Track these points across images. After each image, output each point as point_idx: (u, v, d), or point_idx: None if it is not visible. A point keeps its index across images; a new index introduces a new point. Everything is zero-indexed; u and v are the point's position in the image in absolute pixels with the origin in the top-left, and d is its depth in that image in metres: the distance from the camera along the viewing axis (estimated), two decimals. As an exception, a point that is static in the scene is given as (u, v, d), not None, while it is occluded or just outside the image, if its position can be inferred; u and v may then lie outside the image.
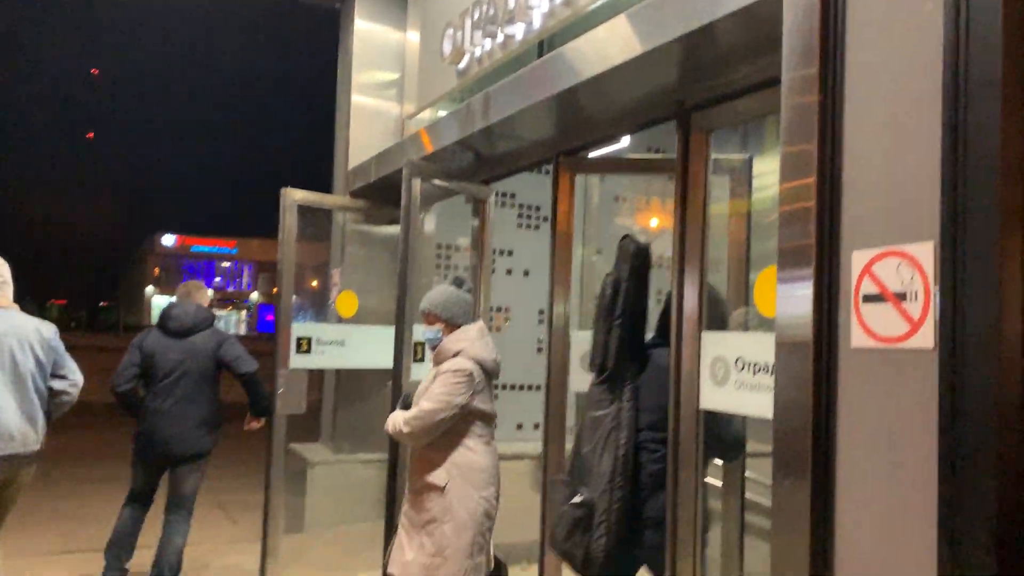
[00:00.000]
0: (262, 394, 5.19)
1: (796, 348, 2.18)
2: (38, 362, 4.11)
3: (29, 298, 63.03)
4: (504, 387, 6.88)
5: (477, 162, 4.71)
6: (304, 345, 5.35)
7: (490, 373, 3.79)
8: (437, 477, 3.60)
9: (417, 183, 4.30)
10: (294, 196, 5.19)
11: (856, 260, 2.07)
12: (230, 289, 63.90)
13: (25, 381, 4.03)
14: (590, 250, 7.07)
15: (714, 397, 3.07)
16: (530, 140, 4.18)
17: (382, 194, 5.44)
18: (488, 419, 3.77)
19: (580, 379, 3.97)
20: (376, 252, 6.03)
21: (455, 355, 3.69)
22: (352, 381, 6.06)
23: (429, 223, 5.83)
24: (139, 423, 5.01)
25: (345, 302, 5.87)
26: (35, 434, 4.09)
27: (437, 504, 3.55)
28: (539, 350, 6.51)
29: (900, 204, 1.99)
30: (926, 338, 1.88)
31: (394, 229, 5.96)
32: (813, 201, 2.17)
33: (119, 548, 5.01)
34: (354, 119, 6.24)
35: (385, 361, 5.72)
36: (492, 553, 3.77)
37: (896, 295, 1.96)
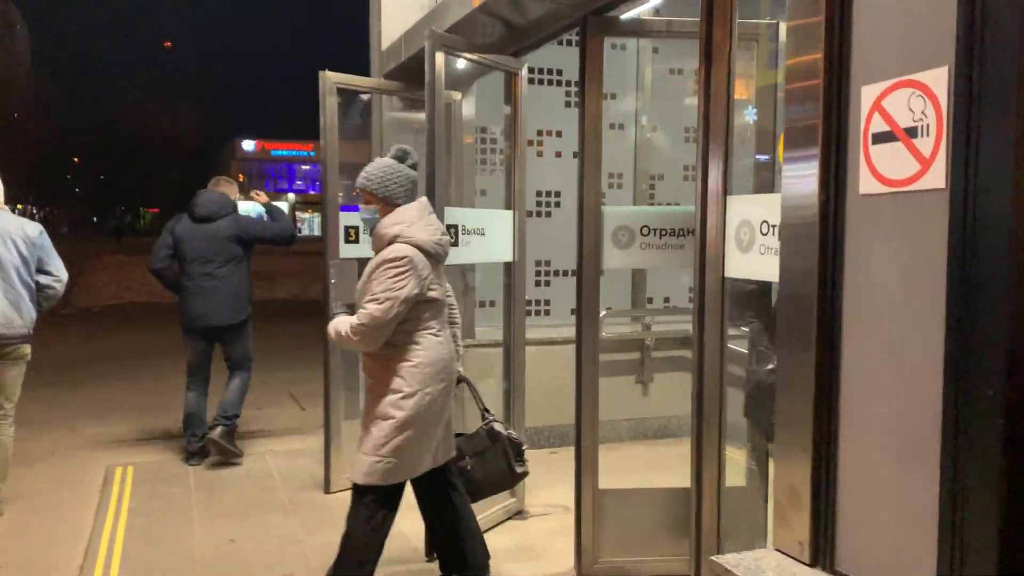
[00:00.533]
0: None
1: (803, 200, 2.00)
2: (22, 257, 4.52)
3: (123, 209, 65.51)
4: (558, 273, 6.79)
5: (506, 32, 4.47)
6: (352, 234, 5.23)
7: (434, 256, 3.31)
8: (379, 374, 3.25)
9: (440, 57, 4.08)
10: (332, 79, 5.02)
11: (866, 96, 1.85)
12: (311, 192, 64.76)
13: (9, 272, 4.47)
14: (643, 129, 6.78)
15: (739, 264, 2.90)
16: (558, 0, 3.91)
17: (414, 75, 5.25)
18: (438, 307, 3.36)
19: (612, 255, 3.83)
20: (415, 139, 5.89)
21: (391, 241, 3.23)
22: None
23: (468, 107, 5.64)
24: (179, 299, 5.61)
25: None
26: (20, 319, 4.53)
27: (380, 402, 3.22)
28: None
29: (913, 29, 1.76)
30: (937, 177, 1.68)
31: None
32: (822, 41, 1.94)
33: (193, 426, 5.67)
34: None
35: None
36: (452, 445, 3.51)
37: (907, 131, 1.74)
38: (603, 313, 5.99)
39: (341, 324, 3.27)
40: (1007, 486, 1.56)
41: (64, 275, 4.75)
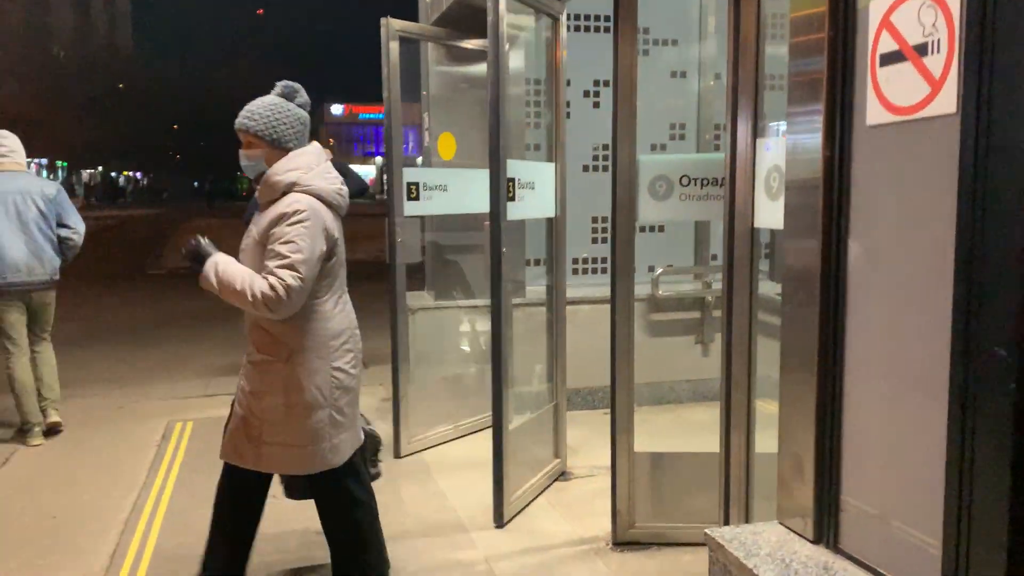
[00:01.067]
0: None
1: (808, 138, 1.78)
2: (41, 212, 5.05)
3: (215, 175, 67.71)
4: (613, 229, 6.54)
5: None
6: (413, 191, 5.03)
7: (335, 209, 2.90)
8: (276, 350, 2.82)
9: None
10: (395, 26, 4.73)
11: (874, 10, 1.61)
12: (399, 155, 65.20)
13: (29, 226, 5.00)
14: (707, 77, 6.44)
15: (769, 213, 2.67)
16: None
17: (457, 23, 5.11)
18: (338, 270, 2.95)
19: (649, 208, 3.61)
20: (459, 93, 5.74)
21: (286, 191, 2.79)
22: (446, 228, 5.96)
23: (516, 58, 5.44)
24: None
25: (445, 144, 5.62)
26: (41, 267, 5.06)
27: (276, 382, 2.82)
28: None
29: (928, -74, 1.50)
30: (947, 101, 1.44)
31: (473, 67, 5.64)
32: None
33: None
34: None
35: (483, 205, 5.52)
36: (361, 427, 3.19)
37: (916, 49, 1.50)
38: (660, 271, 5.82)
39: (243, 279, 2.73)
40: (1019, 459, 1.34)
41: (81, 227, 5.25)
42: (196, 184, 71.58)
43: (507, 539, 3.81)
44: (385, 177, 5.03)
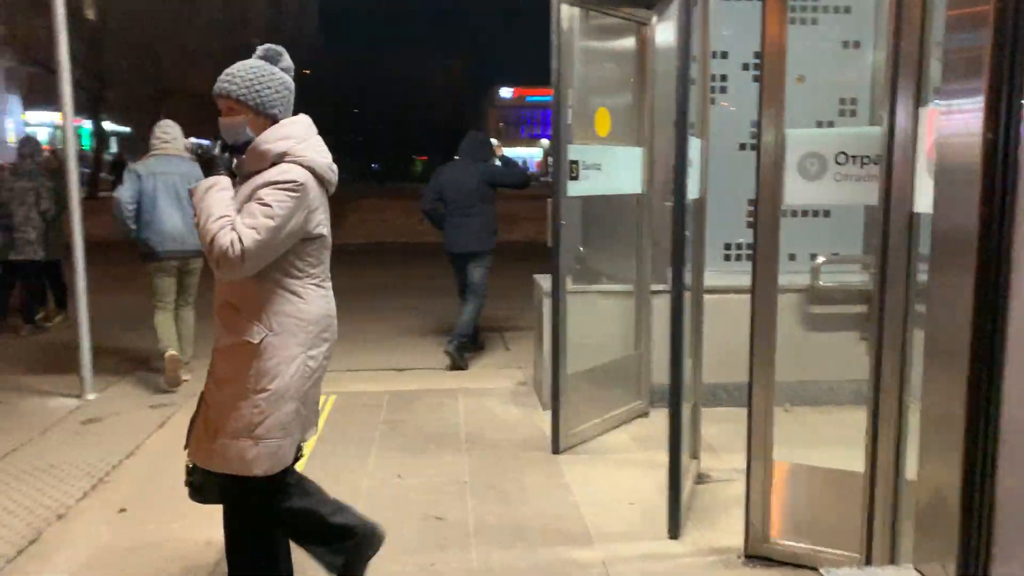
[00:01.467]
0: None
1: (964, 97, 1.43)
2: None
3: (385, 157, 70.39)
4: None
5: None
6: (573, 170, 4.65)
7: (326, 185, 2.69)
8: (249, 331, 2.57)
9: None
10: None
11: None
12: (566, 138, 65.44)
13: (184, 204, 5.76)
14: (883, 46, 5.82)
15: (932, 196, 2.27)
16: None
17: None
18: (324, 250, 2.71)
19: (797, 189, 3.22)
20: (599, 69, 5.46)
21: (276, 161, 2.58)
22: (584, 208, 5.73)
23: (664, 31, 5.10)
24: (444, 231, 6.92)
25: (601, 120, 5.35)
26: (193, 239, 5.70)
27: (246, 368, 2.57)
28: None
29: None
30: None
31: (614, 42, 5.37)
32: None
33: (457, 331, 6.84)
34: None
35: (633, 185, 5.25)
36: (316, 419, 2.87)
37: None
38: (821, 260, 5.33)
39: (220, 220, 2.52)
40: None
41: None
42: (374, 166, 74.71)
43: (630, 544, 3.57)
44: (550, 158, 4.79)
